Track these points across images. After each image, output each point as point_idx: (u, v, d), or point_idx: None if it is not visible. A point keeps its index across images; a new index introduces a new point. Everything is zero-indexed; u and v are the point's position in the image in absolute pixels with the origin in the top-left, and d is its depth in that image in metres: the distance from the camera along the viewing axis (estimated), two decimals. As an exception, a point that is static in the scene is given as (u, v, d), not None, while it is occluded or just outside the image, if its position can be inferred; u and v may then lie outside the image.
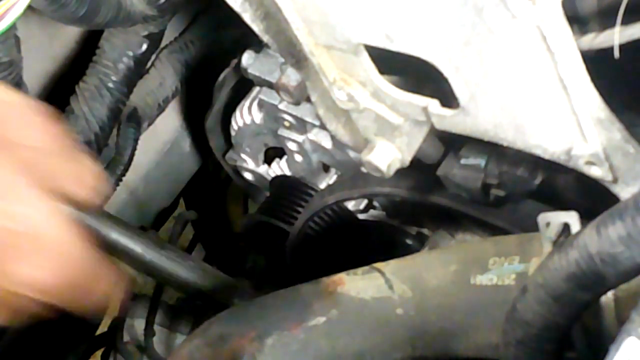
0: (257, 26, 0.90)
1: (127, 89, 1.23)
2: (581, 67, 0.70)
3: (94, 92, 1.20)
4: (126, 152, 1.29)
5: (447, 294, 0.87)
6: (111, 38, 1.20)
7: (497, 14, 0.68)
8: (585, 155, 0.77)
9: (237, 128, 1.31)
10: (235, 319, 0.93)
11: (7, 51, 1.04)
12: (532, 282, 0.69)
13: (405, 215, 1.20)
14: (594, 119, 0.74)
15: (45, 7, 0.94)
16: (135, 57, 1.21)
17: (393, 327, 0.89)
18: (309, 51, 0.86)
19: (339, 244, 1.24)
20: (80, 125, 1.21)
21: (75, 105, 1.21)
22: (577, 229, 0.73)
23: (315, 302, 0.91)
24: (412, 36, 0.77)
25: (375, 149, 0.92)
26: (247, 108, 1.28)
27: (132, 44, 1.20)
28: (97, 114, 1.21)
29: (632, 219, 0.60)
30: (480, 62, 0.74)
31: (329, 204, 1.14)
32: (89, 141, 1.21)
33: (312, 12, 0.81)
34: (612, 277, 0.63)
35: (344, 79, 0.88)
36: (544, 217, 0.75)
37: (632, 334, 0.57)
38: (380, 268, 0.92)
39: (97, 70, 1.20)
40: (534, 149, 0.80)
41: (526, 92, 0.75)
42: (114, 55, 1.20)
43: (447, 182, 0.98)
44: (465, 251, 0.91)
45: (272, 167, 1.34)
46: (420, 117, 0.86)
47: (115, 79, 1.21)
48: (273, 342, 0.89)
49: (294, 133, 1.23)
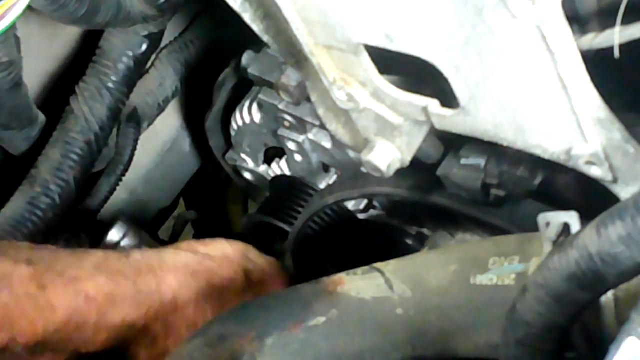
0: (257, 26, 0.90)
1: (127, 89, 1.23)
2: (581, 67, 0.70)
3: (94, 92, 1.21)
4: (126, 152, 1.29)
5: (447, 294, 0.87)
6: (111, 38, 1.20)
7: (497, 14, 0.68)
8: (585, 155, 0.77)
9: (237, 128, 1.31)
10: (235, 319, 0.93)
11: (7, 51, 1.04)
12: (532, 282, 0.69)
13: (405, 215, 1.20)
14: (594, 119, 0.74)
15: (45, 7, 0.94)
16: (135, 57, 1.21)
17: (393, 327, 0.89)
18: (309, 51, 0.86)
19: (339, 244, 1.24)
20: (80, 125, 1.21)
21: (75, 105, 1.21)
22: (577, 229, 0.73)
23: (315, 302, 0.91)
24: (412, 36, 0.77)
25: (375, 149, 0.92)
26: (247, 108, 1.28)
27: (132, 44, 1.20)
28: (97, 114, 1.21)
29: (632, 219, 0.60)
30: (480, 62, 0.74)
31: (329, 204, 1.14)
32: (88, 141, 1.21)
33: (312, 12, 0.81)
34: (612, 277, 0.63)
35: (344, 79, 0.88)
36: (544, 217, 0.75)
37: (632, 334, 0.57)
38: (380, 268, 0.92)
39: (97, 70, 1.20)
40: (534, 149, 0.80)
41: (526, 92, 0.75)
42: (114, 55, 1.20)
43: (447, 182, 0.98)
44: (465, 251, 0.91)
45: (272, 167, 1.34)
46: (420, 117, 0.86)
47: (115, 79, 1.21)
48: (273, 342, 0.89)
49: (293, 133, 1.23)
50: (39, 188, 1.20)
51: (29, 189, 1.20)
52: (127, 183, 1.35)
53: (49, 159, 1.21)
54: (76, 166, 1.21)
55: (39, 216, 1.19)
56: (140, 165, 1.40)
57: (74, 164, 1.21)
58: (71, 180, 1.20)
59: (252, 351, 0.88)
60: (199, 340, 0.91)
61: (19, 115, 1.17)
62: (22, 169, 1.23)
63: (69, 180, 1.20)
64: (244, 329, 0.90)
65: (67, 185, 1.20)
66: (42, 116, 1.22)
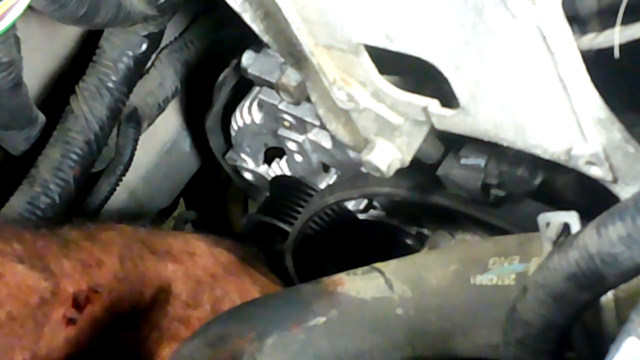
0: (257, 26, 0.89)
1: (126, 89, 1.23)
2: (581, 67, 0.70)
3: (93, 91, 1.20)
4: (126, 152, 1.29)
5: (447, 294, 0.87)
6: (111, 38, 1.20)
7: (497, 14, 0.68)
8: (585, 155, 0.77)
9: (237, 128, 1.31)
10: (235, 319, 0.93)
11: (7, 51, 1.04)
12: (532, 282, 0.69)
13: (405, 215, 1.20)
14: (594, 119, 0.74)
15: (45, 7, 0.94)
16: (135, 57, 1.21)
17: (393, 327, 0.89)
18: (309, 51, 0.86)
19: (339, 244, 1.24)
20: (80, 124, 1.21)
21: (75, 105, 1.21)
22: (577, 229, 0.73)
23: (315, 302, 0.91)
24: (412, 36, 0.76)
25: (375, 149, 0.92)
26: (247, 108, 1.28)
27: (132, 44, 1.20)
28: (97, 114, 1.21)
29: (632, 219, 0.60)
30: (480, 62, 0.74)
31: (329, 204, 1.14)
32: (88, 141, 1.21)
33: (312, 12, 0.81)
34: (612, 277, 0.63)
35: (344, 79, 0.88)
36: (544, 217, 0.75)
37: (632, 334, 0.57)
38: (380, 268, 0.92)
39: (97, 70, 1.20)
40: (534, 149, 0.80)
41: (526, 92, 0.75)
42: (114, 55, 1.20)
43: (447, 182, 0.98)
44: (465, 251, 0.91)
45: (272, 167, 1.34)
46: (420, 117, 0.86)
47: (115, 78, 1.21)
48: (273, 342, 0.89)
49: (294, 133, 1.23)
50: (39, 188, 1.20)
51: (28, 189, 1.20)
52: (127, 183, 1.35)
53: (49, 158, 1.21)
54: (76, 166, 1.21)
55: (39, 216, 1.19)
56: (140, 165, 1.40)
57: (74, 163, 1.21)
58: (71, 180, 1.20)
59: (252, 351, 0.88)
60: (199, 340, 0.91)
61: (19, 115, 1.17)
62: (22, 169, 1.23)
63: (68, 180, 1.20)
64: (244, 329, 0.90)
65: (67, 185, 1.20)
66: (42, 116, 1.22)
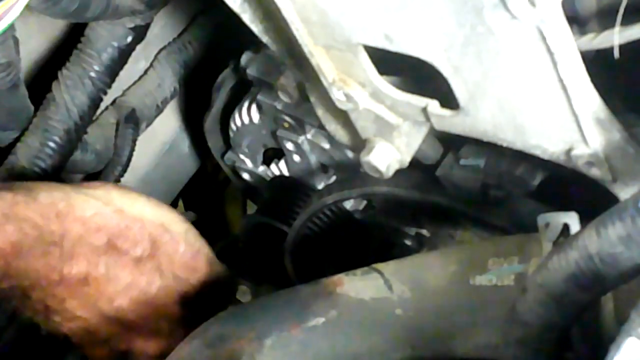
0: (257, 27, 0.89)
1: (109, 80, 1.22)
2: (581, 67, 0.70)
3: (76, 80, 1.19)
4: (124, 153, 1.29)
5: (446, 295, 0.87)
6: (97, 28, 1.19)
7: (496, 15, 0.68)
8: (585, 155, 0.77)
9: (235, 129, 1.31)
10: (235, 319, 0.93)
11: (5, 52, 1.04)
12: (532, 283, 0.69)
13: (405, 215, 1.20)
14: (594, 120, 0.74)
15: (37, 4, 0.94)
16: (120, 49, 1.20)
17: (392, 327, 0.89)
18: (308, 52, 0.86)
19: (337, 244, 1.24)
20: (61, 113, 1.20)
21: (57, 93, 1.20)
22: (577, 229, 0.73)
23: (314, 302, 0.91)
24: (412, 36, 0.76)
25: (374, 149, 0.92)
26: (246, 109, 1.27)
27: (118, 35, 1.19)
28: (78, 103, 1.20)
29: (632, 219, 0.60)
30: (479, 62, 0.74)
31: (328, 205, 1.14)
32: (68, 129, 1.20)
33: (311, 13, 0.81)
34: (612, 278, 0.63)
35: (343, 80, 0.88)
36: (543, 218, 0.75)
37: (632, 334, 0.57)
38: (379, 269, 0.92)
39: (81, 58, 1.19)
40: (534, 150, 0.80)
41: (526, 92, 0.75)
42: (99, 45, 1.19)
43: (446, 183, 0.98)
44: (464, 252, 0.91)
45: (271, 168, 1.34)
46: (420, 118, 0.86)
47: (98, 68, 1.20)
48: (272, 343, 0.89)
49: (292, 134, 1.23)
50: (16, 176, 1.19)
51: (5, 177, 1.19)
52: (125, 184, 1.35)
53: (27, 146, 1.20)
54: (54, 154, 1.20)
55: None
56: (138, 166, 1.40)
57: (52, 152, 1.20)
58: (49, 169, 1.20)
59: (251, 352, 0.88)
60: (198, 340, 0.91)
61: (17, 116, 1.17)
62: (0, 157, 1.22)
63: (46, 169, 1.19)
64: (243, 329, 0.90)
65: (45, 174, 1.20)
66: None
